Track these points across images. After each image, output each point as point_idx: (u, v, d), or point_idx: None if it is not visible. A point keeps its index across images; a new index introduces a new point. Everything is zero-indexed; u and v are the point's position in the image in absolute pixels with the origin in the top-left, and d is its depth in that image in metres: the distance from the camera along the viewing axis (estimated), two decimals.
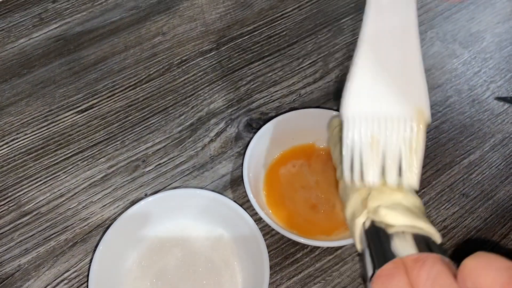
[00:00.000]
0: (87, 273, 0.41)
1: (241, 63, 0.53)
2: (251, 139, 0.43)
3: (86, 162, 0.47)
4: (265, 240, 0.39)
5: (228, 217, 0.41)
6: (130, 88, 0.51)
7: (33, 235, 0.43)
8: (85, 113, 0.49)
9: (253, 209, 0.39)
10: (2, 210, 0.44)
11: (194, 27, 0.56)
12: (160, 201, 0.41)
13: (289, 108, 0.50)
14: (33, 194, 0.45)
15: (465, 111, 0.51)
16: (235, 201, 0.41)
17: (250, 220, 0.40)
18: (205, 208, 0.42)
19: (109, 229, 0.39)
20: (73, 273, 0.41)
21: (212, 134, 0.49)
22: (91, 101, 0.50)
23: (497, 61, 0.54)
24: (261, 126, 0.44)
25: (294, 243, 0.43)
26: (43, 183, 0.45)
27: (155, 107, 0.50)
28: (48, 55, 0.53)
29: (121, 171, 0.46)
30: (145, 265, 0.41)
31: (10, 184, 0.45)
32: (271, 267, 0.41)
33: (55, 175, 0.46)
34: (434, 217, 0.45)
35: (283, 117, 0.45)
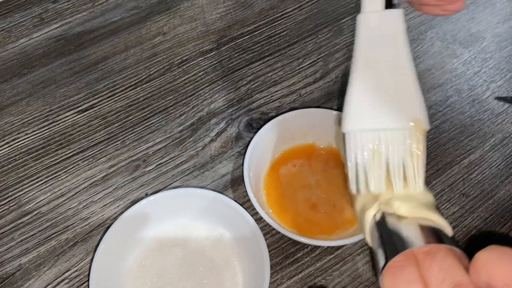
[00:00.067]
0: (87, 273, 0.41)
1: (241, 63, 0.53)
2: (251, 139, 0.43)
3: (86, 161, 0.47)
4: (266, 239, 0.39)
5: (228, 217, 0.41)
6: (130, 88, 0.51)
7: (34, 234, 0.43)
8: (86, 113, 0.50)
9: (254, 209, 0.39)
10: (3, 209, 0.44)
11: (194, 27, 0.56)
12: (160, 200, 0.41)
13: (289, 108, 0.50)
14: (34, 193, 0.45)
15: (465, 111, 0.51)
16: (235, 201, 0.41)
17: (250, 219, 0.40)
18: (205, 207, 0.42)
19: (110, 229, 0.40)
20: (74, 272, 0.41)
21: (212, 134, 0.49)
22: (92, 101, 0.50)
23: (497, 61, 0.54)
24: (261, 126, 0.44)
25: (294, 243, 0.43)
26: (44, 182, 0.45)
27: (156, 107, 0.50)
28: (48, 55, 0.53)
29: (122, 170, 0.46)
30: (146, 265, 0.41)
31: (10, 183, 0.45)
32: (272, 267, 0.41)
33: (55, 175, 0.46)
34: None
35: (284, 117, 0.45)
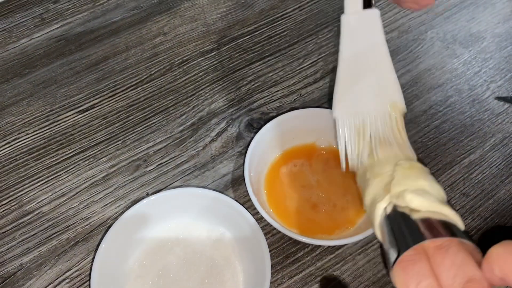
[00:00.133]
0: (89, 272, 0.41)
1: (242, 63, 0.53)
2: (252, 138, 0.43)
3: (87, 161, 0.47)
4: (266, 239, 0.39)
5: (229, 216, 0.41)
6: (131, 88, 0.51)
7: (35, 234, 0.43)
8: (87, 113, 0.50)
9: (254, 208, 0.39)
10: (4, 209, 0.44)
11: (195, 27, 0.56)
12: (161, 200, 0.41)
13: (289, 108, 0.50)
14: (35, 193, 0.45)
15: (466, 110, 0.51)
16: (236, 201, 0.41)
17: (251, 219, 0.40)
18: (206, 207, 0.42)
19: (111, 228, 0.40)
20: (75, 272, 0.41)
21: (213, 134, 0.49)
22: (93, 101, 0.50)
23: (497, 61, 0.54)
24: (262, 126, 0.44)
25: (295, 242, 0.43)
26: (45, 182, 0.46)
27: (156, 107, 0.50)
28: (49, 55, 0.53)
29: (123, 170, 0.46)
30: (147, 264, 0.41)
31: (11, 183, 0.45)
32: (272, 266, 0.41)
33: (56, 175, 0.46)
34: None
35: (284, 117, 0.45)
